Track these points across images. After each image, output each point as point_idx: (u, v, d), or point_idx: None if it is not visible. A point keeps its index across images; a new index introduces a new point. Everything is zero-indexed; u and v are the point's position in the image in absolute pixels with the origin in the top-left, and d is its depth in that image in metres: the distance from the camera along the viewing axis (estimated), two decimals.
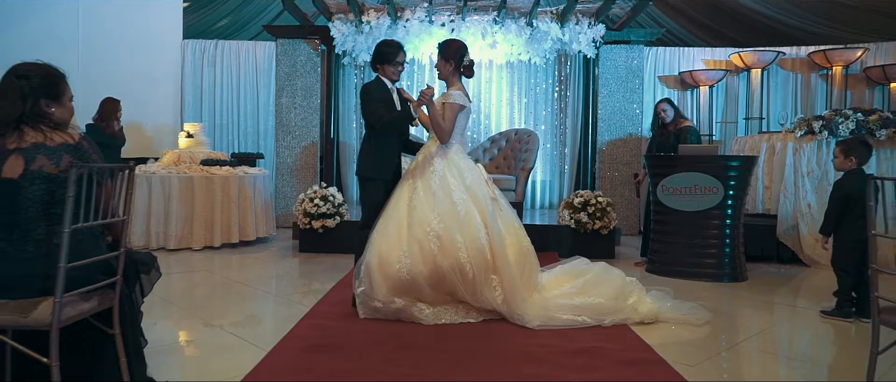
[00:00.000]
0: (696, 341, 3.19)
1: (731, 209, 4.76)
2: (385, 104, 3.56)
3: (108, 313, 2.08)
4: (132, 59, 7.67)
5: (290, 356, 2.78)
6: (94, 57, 7.55)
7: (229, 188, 5.93)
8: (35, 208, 1.88)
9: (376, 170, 3.58)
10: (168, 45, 7.95)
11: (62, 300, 1.78)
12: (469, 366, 2.67)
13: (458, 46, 3.63)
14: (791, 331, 3.63)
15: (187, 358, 2.88)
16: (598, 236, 5.68)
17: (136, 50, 7.72)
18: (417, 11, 6.97)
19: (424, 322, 3.27)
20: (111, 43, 7.64)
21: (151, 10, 7.84)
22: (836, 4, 7.40)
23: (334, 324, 3.29)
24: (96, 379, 2.07)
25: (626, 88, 7.45)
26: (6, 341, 1.82)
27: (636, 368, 2.67)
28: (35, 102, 1.94)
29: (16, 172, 1.87)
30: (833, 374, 2.83)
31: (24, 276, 1.84)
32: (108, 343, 2.09)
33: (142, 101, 7.39)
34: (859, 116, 5.24)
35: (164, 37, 7.91)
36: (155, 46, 7.85)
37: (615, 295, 3.41)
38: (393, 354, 2.81)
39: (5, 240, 1.86)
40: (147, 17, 7.82)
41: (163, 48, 7.90)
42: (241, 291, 4.32)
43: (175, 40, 8.00)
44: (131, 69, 7.59)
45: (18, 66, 1.97)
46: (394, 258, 3.28)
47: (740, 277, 4.79)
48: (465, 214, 3.37)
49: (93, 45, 7.63)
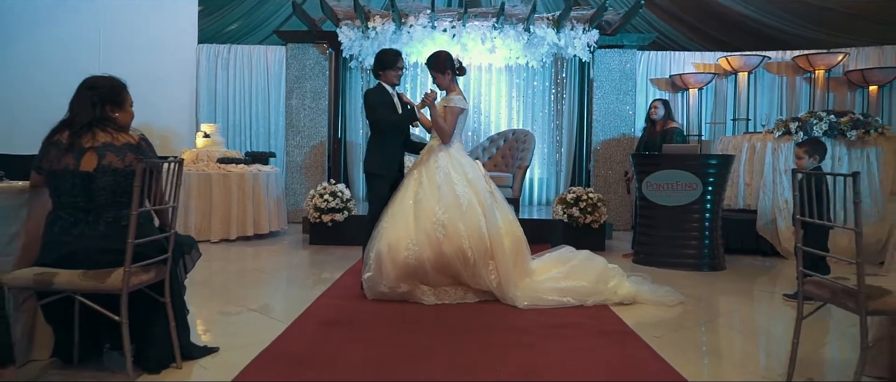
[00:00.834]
0: (669, 319, 3.58)
1: (710, 204, 5.15)
2: (386, 108, 3.96)
3: (159, 285, 2.49)
4: (151, 62, 8.07)
5: (308, 328, 3.18)
6: (116, 60, 7.95)
7: (244, 185, 6.34)
8: (106, 196, 2.29)
9: (382, 167, 3.98)
10: (184, 49, 8.37)
11: (130, 270, 2.19)
12: (464, 336, 3.07)
13: (445, 56, 4.02)
14: (754, 311, 4.02)
15: (218, 329, 3.27)
16: (589, 230, 6.07)
17: (155, 54, 8.13)
18: (420, 18, 7.35)
19: (426, 303, 3.67)
20: (131, 47, 8.05)
21: (169, 16, 8.26)
22: (821, 9, 7.76)
23: (346, 304, 3.70)
24: (150, 339, 2.47)
25: (620, 91, 7.84)
26: (85, 301, 2.23)
27: (608, 338, 3.07)
28: (103, 108, 2.34)
29: (90, 166, 2.27)
30: (778, 343, 3.19)
31: (97, 250, 2.25)
32: (160, 309, 2.50)
33: (159, 102, 7.80)
34: (832, 118, 5.62)
35: (180, 41, 8.33)
36: (172, 51, 8.27)
37: (597, 279, 3.81)
38: (398, 327, 3.21)
39: (83, 222, 2.27)
40: (165, 22, 8.24)
41: (179, 52, 8.32)
42: (259, 277, 4.72)
43: (190, 45, 8.42)
44: (150, 72, 7.99)
45: (89, 79, 2.38)
46: (403, 245, 3.67)
47: (719, 266, 5.18)
48: (468, 205, 3.77)
49: (114, 48, 8.05)
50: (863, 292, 2.06)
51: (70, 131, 2.29)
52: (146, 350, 2.46)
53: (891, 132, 5.77)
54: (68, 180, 2.26)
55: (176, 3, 8.32)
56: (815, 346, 3.21)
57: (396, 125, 3.99)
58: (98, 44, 8.03)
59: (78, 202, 2.28)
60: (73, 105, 2.34)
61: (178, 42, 8.34)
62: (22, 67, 7.90)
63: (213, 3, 8.69)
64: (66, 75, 8.00)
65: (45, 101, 7.42)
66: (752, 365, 2.84)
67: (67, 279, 2.19)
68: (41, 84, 7.48)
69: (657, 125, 5.86)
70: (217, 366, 2.59)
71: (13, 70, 7.91)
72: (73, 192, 2.27)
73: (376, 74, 4.08)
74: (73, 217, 2.27)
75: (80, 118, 2.30)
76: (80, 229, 2.26)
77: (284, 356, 2.74)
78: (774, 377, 2.58)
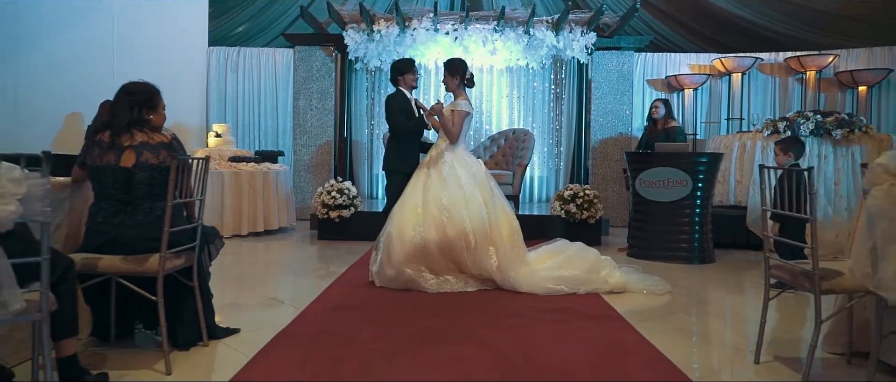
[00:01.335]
0: (656, 306, 3.83)
1: (700, 200, 5.41)
2: (405, 114, 4.46)
3: (187, 270, 2.76)
4: (162, 64, 8.32)
5: (321, 312, 3.46)
6: (129, 62, 8.23)
7: (255, 182, 6.61)
8: (143, 189, 2.56)
9: (400, 164, 4.46)
10: (195, 52, 8.65)
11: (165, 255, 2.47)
12: (463, 317, 3.34)
13: (461, 63, 4.44)
14: (737, 300, 4.27)
15: (237, 314, 3.52)
16: (585, 225, 6.32)
17: (166, 56, 8.39)
18: (424, 21, 7.62)
19: (429, 291, 3.94)
20: (144, 50, 8.32)
21: (180, 20, 8.54)
22: (813, 11, 7.98)
23: (354, 292, 3.98)
24: (180, 319, 2.74)
25: (617, 91, 8.10)
26: (125, 283, 2.50)
27: (596, 321, 3.33)
28: (139, 111, 2.62)
29: (129, 162, 2.55)
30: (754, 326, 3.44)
31: (135, 238, 2.52)
32: (188, 293, 2.77)
33: (171, 103, 7.90)
34: (818, 118, 5.86)
35: (191, 44, 8.61)
36: (183, 53, 8.54)
37: (588, 268, 4.09)
38: (403, 310, 3.50)
39: (123, 212, 2.54)
40: (176, 25, 8.51)
41: (190, 55, 8.60)
42: (271, 269, 5.00)
43: (201, 48, 8.70)
44: (161, 74, 8.11)
45: (127, 84, 2.65)
46: (410, 227, 4.03)
47: (708, 259, 5.43)
48: (470, 195, 4.14)
49: (127, 51, 8.32)
50: (816, 273, 2.31)
51: (111, 131, 2.57)
52: (176, 329, 2.73)
53: (874, 132, 6.02)
54: (110, 174, 2.54)
55: (187, 7, 8.59)
56: (789, 327, 3.48)
57: (411, 130, 4.47)
58: (113, 47, 8.31)
59: (118, 195, 2.55)
60: (113, 108, 2.62)
61: (190, 45, 8.61)
62: (39, 70, 8.18)
63: (220, 6, 8.97)
64: (83, 77, 8.30)
65: (62, 103, 7.80)
66: (725, 345, 3.09)
67: (110, 264, 2.46)
68: (58, 86, 7.78)
69: (658, 124, 6.12)
70: (239, 344, 2.86)
71: (31, 73, 8.19)
72: (114, 185, 2.54)
73: (395, 81, 4.55)
74: (114, 208, 2.55)
75: (120, 120, 2.57)
76: (120, 219, 2.53)
77: (301, 334, 3.01)
78: (744, 355, 2.84)
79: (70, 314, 2.15)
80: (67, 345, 2.17)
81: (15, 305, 1.63)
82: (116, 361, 2.64)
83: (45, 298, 1.81)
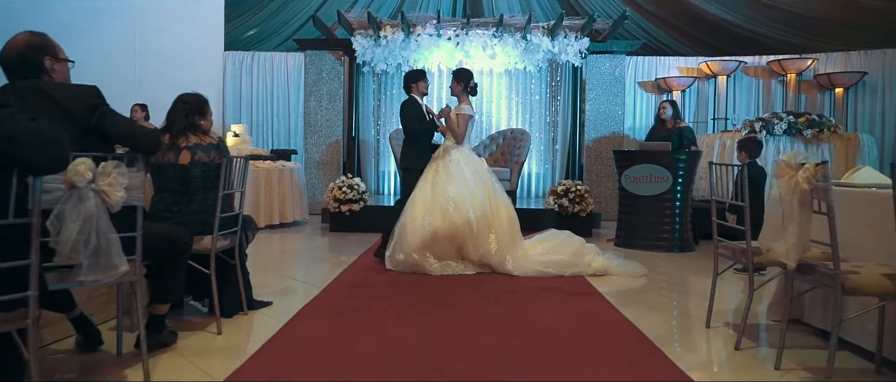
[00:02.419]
0: (633, 287, 4.36)
1: (680, 194, 5.92)
2: (416, 119, 4.99)
3: (230, 251, 3.29)
4: (181, 67, 8.89)
5: (338, 290, 3.99)
6: (149, 66, 8.79)
7: (271, 179, 7.14)
8: (197, 183, 3.08)
9: (414, 162, 4.98)
10: (211, 55, 9.20)
11: (217, 235, 3.00)
12: (463, 294, 3.88)
13: (468, 73, 5.02)
14: (706, 281, 4.73)
15: (265, 292, 4.05)
16: (577, 218, 6.84)
17: (185, 60, 8.95)
18: (427, 27, 8.11)
19: (433, 274, 4.47)
20: (163, 54, 8.87)
21: (198, 25, 9.08)
22: (797, 15, 8.47)
23: (366, 274, 4.51)
24: (224, 291, 3.26)
25: (610, 93, 8.60)
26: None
27: (578, 298, 3.87)
28: (192, 117, 3.14)
29: (186, 161, 3.07)
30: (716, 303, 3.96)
31: (190, 223, 3.03)
32: (230, 270, 3.30)
33: None
34: (791, 118, 6.37)
35: (208, 48, 9.15)
36: (201, 57, 9.09)
37: (574, 253, 4.62)
38: (411, 288, 4.04)
39: (180, 202, 3.07)
40: (194, 31, 9.06)
41: (207, 58, 9.15)
42: (290, 257, 5.53)
43: (217, 51, 9.24)
44: (180, 76, 8.78)
45: (182, 95, 3.18)
46: (420, 216, 4.59)
47: (688, 248, 5.95)
48: (474, 188, 4.71)
49: (147, 55, 8.87)
50: (750, 249, 2.83)
51: (170, 134, 3.09)
52: (222, 300, 3.25)
53: (843, 131, 6.52)
54: (169, 170, 3.06)
55: (204, 13, 9.13)
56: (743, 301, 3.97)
57: (423, 134, 5.02)
58: (135, 51, 8.85)
59: (176, 187, 3.07)
60: (170, 115, 3.14)
61: (207, 49, 9.15)
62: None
63: (232, 10, 9.49)
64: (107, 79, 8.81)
65: None
66: (687, 316, 3.62)
67: None
68: None
69: (668, 124, 6.59)
70: (274, 313, 3.39)
71: None
72: (173, 179, 3.07)
73: (408, 88, 5.08)
74: (173, 198, 3.07)
75: (177, 125, 3.10)
76: (178, 207, 3.05)
77: (324, 307, 3.55)
78: (700, 323, 3.36)
79: (174, 283, 2.74)
80: (162, 307, 2.75)
81: (122, 267, 2.14)
82: (174, 325, 3.16)
83: (138, 264, 2.32)
